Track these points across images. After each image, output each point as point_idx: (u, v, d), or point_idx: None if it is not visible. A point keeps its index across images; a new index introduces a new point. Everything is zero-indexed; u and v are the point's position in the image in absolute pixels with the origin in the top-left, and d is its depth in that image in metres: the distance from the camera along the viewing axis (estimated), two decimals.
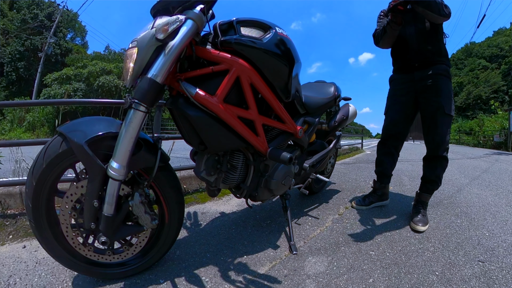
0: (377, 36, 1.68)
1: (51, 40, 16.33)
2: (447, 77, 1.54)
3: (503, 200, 2.14)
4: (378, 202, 1.91)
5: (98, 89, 13.83)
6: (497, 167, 4.19)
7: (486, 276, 1.05)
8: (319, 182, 2.18)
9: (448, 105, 1.52)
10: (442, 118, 1.52)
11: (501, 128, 10.79)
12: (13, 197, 1.69)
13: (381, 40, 1.65)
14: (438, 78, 1.52)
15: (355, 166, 4.07)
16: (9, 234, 1.41)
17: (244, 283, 1.00)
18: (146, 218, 0.90)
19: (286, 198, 1.46)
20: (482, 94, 30.00)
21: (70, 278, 1.01)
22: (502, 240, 1.37)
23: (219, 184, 1.17)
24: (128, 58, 0.85)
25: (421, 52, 1.56)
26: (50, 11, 19.63)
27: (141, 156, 0.90)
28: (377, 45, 1.72)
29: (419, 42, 1.55)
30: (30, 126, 12.63)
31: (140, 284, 0.99)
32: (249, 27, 1.02)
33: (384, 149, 1.82)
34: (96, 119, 0.93)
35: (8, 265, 1.11)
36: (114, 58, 18.12)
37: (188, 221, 1.61)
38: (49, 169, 0.86)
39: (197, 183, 2.25)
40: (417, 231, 1.48)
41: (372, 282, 1.02)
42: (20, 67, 18.62)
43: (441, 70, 1.53)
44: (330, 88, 1.75)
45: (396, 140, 1.78)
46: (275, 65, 1.07)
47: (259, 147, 1.14)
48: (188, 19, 0.87)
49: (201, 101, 0.94)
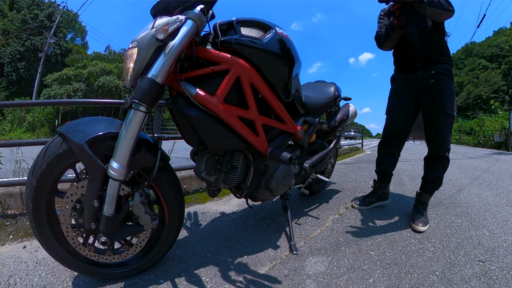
0: (380, 39, 1.67)
1: (51, 41, 16.33)
2: (449, 76, 1.52)
3: (504, 200, 2.14)
4: (378, 202, 1.90)
5: (98, 90, 13.84)
6: (497, 167, 4.18)
7: (487, 276, 1.05)
8: (319, 182, 2.18)
9: (450, 104, 1.50)
10: (443, 118, 1.51)
11: (501, 128, 10.79)
12: (13, 197, 1.69)
13: (384, 44, 1.64)
14: (441, 77, 1.51)
15: (355, 166, 4.07)
16: (9, 234, 1.41)
17: (244, 283, 1.00)
18: (147, 218, 0.90)
19: (286, 198, 1.46)
20: (482, 94, 29.99)
21: (71, 278, 1.01)
22: (502, 240, 1.37)
23: (219, 184, 1.17)
24: (128, 58, 0.85)
25: (424, 52, 1.54)
26: (50, 12, 19.64)
27: (141, 156, 0.90)
28: (381, 48, 1.71)
29: (422, 41, 1.54)
30: (30, 126, 12.64)
31: (140, 284, 0.99)
32: (249, 27, 1.02)
33: (385, 149, 1.81)
34: (96, 119, 0.93)
35: (9, 265, 1.11)
36: (114, 58, 18.14)
37: (189, 221, 1.61)
38: (49, 169, 0.86)
39: (197, 183, 2.26)
40: (417, 231, 1.48)
41: (372, 282, 1.02)
42: (20, 67, 18.63)
43: (443, 70, 1.51)
44: (330, 88, 1.75)
45: (397, 140, 1.76)
46: (275, 65, 1.07)
47: (259, 147, 1.13)
48: (188, 19, 0.87)
49: (201, 101, 0.94)
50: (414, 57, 1.58)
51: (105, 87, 13.76)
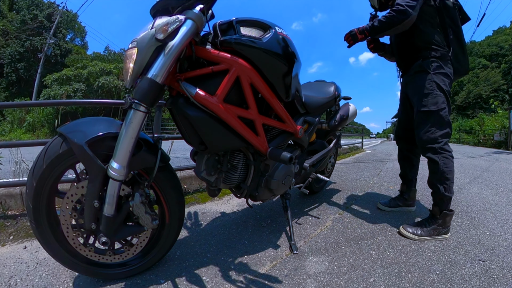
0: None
1: (50, 41, 16.33)
2: (421, 71, 1.42)
3: (504, 199, 2.14)
4: (404, 207, 1.81)
5: (98, 90, 13.84)
6: (497, 166, 4.18)
7: (487, 275, 1.05)
8: (319, 182, 2.18)
9: (420, 101, 1.41)
10: (417, 116, 1.43)
11: (501, 127, 10.78)
12: (13, 198, 1.69)
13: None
14: (413, 77, 1.48)
15: (355, 165, 4.07)
16: (9, 235, 1.41)
17: (245, 283, 1.00)
18: (147, 218, 0.90)
19: (287, 197, 1.46)
20: (482, 93, 29.97)
21: (71, 279, 1.01)
22: (502, 239, 1.37)
23: (220, 184, 1.17)
24: (128, 59, 0.85)
25: (401, 57, 1.60)
26: (49, 12, 19.64)
27: (141, 156, 0.90)
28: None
29: (398, 49, 1.61)
30: (30, 127, 12.65)
31: (141, 284, 0.99)
32: (248, 26, 1.02)
33: (400, 154, 1.79)
34: (96, 120, 0.93)
35: (9, 265, 1.11)
36: (113, 59, 18.15)
37: (189, 221, 1.61)
38: (49, 169, 0.86)
39: (197, 183, 2.26)
40: (401, 234, 1.41)
41: (372, 281, 1.02)
42: (20, 68, 18.64)
43: (416, 68, 1.46)
44: (330, 87, 1.75)
45: (406, 143, 1.72)
46: (275, 65, 1.07)
47: (259, 147, 1.13)
48: (187, 19, 0.87)
49: (201, 101, 0.94)
50: (398, 65, 1.65)
51: (104, 87, 13.77)
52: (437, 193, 1.39)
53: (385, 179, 2.93)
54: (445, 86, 1.39)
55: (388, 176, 3.14)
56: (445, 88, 1.39)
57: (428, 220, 1.43)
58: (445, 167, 1.36)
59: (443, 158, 1.37)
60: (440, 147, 1.37)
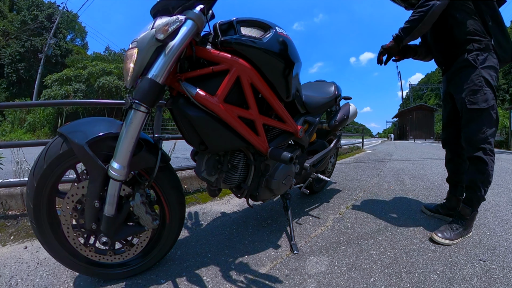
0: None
1: (51, 41, 16.35)
2: (468, 66, 1.34)
3: (504, 199, 2.13)
4: (443, 216, 1.68)
5: (98, 90, 13.85)
6: (497, 166, 4.16)
7: (487, 275, 1.05)
8: (319, 182, 2.18)
9: (471, 98, 1.33)
10: (466, 114, 1.36)
11: (502, 127, 10.77)
12: (14, 198, 1.70)
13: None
14: (458, 73, 1.39)
15: (355, 165, 4.07)
16: (10, 235, 1.41)
17: (245, 283, 1.00)
18: (147, 219, 0.90)
19: (287, 197, 1.46)
20: None
21: (72, 279, 1.02)
22: (503, 239, 1.37)
23: (220, 184, 1.17)
24: (128, 59, 0.85)
25: (441, 55, 1.48)
26: (50, 12, 19.68)
27: (142, 156, 0.90)
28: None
29: (436, 46, 1.50)
30: (30, 127, 12.66)
31: (141, 284, 0.99)
32: (249, 27, 1.02)
33: (446, 157, 1.68)
34: (96, 120, 0.93)
35: (10, 266, 1.11)
36: (114, 59, 18.14)
37: (189, 221, 1.61)
38: (50, 170, 0.86)
39: (198, 183, 2.26)
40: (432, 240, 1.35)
41: (373, 281, 1.02)
42: (21, 68, 18.67)
43: (460, 63, 1.38)
44: (331, 87, 1.75)
45: (451, 144, 1.62)
46: (275, 65, 1.07)
47: (259, 147, 1.14)
48: (188, 19, 0.87)
49: (202, 101, 0.94)
50: (438, 63, 1.57)
51: (105, 87, 13.77)
52: (476, 194, 1.35)
53: (385, 179, 2.93)
54: (492, 81, 1.33)
55: (388, 176, 3.14)
56: (493, 83, 1.34)
57: (457, 221, 1.40)
58: (491, 170, 1.33)
59: (491, 161, 1.33)
60: (490, 149, 1.33)
